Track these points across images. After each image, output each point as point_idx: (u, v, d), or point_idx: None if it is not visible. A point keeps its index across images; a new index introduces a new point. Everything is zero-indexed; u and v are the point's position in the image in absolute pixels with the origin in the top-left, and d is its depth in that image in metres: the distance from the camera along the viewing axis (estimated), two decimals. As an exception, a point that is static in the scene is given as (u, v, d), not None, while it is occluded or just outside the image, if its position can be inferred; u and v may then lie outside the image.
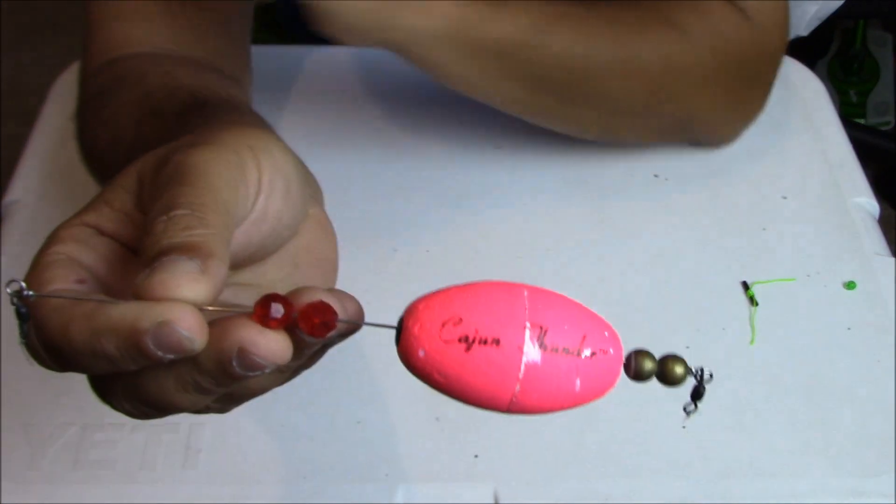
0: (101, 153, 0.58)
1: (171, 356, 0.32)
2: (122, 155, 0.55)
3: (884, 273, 0.65)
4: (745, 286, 0.65)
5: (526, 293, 0.31)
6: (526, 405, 0.31)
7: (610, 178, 0.73)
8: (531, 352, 0.31)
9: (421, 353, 0.33)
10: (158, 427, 0.57)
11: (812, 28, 0.99)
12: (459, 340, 0.31)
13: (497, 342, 0.31)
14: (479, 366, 0.31)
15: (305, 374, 0.60)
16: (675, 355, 0.34)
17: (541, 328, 0.31)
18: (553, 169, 0.73)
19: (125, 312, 0.32)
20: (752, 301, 0.64)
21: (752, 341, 0.62)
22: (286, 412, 0.58)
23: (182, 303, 0.31)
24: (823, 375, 0.60)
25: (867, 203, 0.71)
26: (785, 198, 0.72)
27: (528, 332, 0.31)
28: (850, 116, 1.68)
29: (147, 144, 0.51)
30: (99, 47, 0.65)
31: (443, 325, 0.32)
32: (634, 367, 0.33)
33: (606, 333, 0.32)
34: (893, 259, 0.67)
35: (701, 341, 0.62)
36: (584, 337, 0.32)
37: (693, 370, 0.35)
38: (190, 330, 0.31)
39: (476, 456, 0.55)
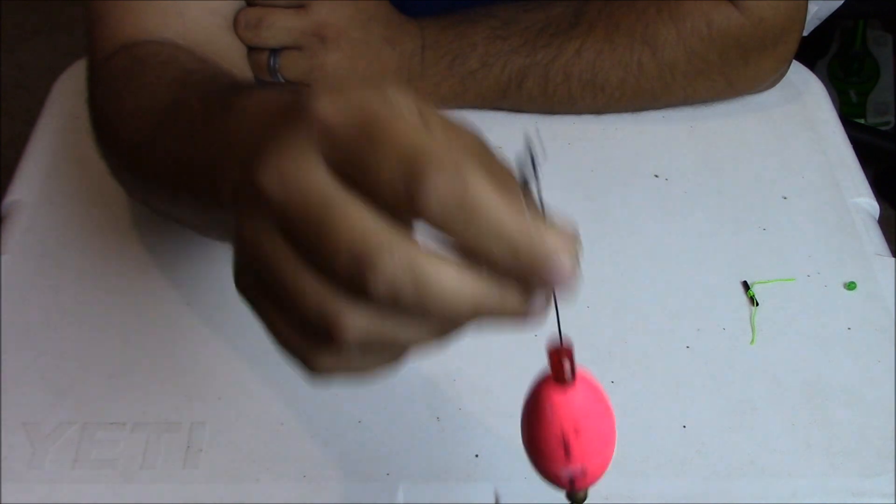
0: (126, 118, 0.59)
1: (546, 284, 0.33)
2: (152, 117, 0.56)
3: (884, 273, 0.66)
4: (746, 286, 0.65)
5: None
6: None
7: (610, 178, 0.73)
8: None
9: (548, 412, 0.39)
10: (159, 426, 0.57)
11: (812, 28, 0.99)
12: (561, 443, 0.39)
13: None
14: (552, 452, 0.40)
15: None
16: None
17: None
18: (553, 169, 0.73)
19: (523, 224, 0.33)
20: (753, 301, 0.64)
21: (752, 341, 0.62)
22: (286, 412, 0.58)
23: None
24: (823, 375, 0.60)
25: (867, 203, 0.71)
26: (785, 198, 0.72)
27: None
28: (850, 116, 1.68)
29: (189, 108, 0.52)
30: (110, 34, 0.65)
31: (574, 422, 0.39)
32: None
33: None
34: (893, 259, 0.67)
35: (701, 341, 0.62)
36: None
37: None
38: (573, 268, 0.32)
39: (476, 456, 0.56)
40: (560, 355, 0.38)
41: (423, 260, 0.32)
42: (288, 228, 0.34)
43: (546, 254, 0.32)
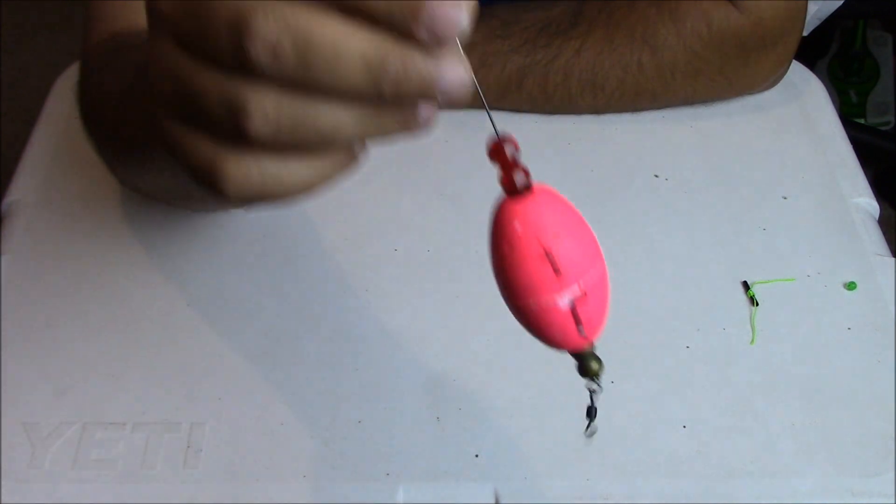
0: (105, 96, 0.58)
1: (432, 35, 0.30)
2: (130, 73, 0.55)
3: (884, 273, 0.66)
4: (746, 286, 0.65)
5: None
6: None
7: (610, 178, 0.73)
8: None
9: (515, 225, 0.33)
10: (159, 426, 0.57)
11: (812, 28, 0.99)
12: (543, 257, 0.33)
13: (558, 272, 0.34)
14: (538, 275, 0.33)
15: (304, 373, 0.60)
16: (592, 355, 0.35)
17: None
18: (553, 168, 0.73)
19: None
20: (753, 301, 0.64)
21: (752, 341, 0.62)
22: (286, 412, 0.58)
23: None
24: (823, 375, 0.60)
25: (867, 203, 0.71)
26: (785, 198, 0.72)
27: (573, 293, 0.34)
28: (850, 116, 1.68)
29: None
30: (103, 31, 0.65)
31: (548, 229, 0.33)
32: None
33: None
34: (893, 259, 0.67)
35: (701, 341, 0.62)
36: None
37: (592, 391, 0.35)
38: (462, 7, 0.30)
39: (476, 456, 0.56)
40: (502, 152, 0.33)
41: (301, 14, 0.30)
42: (179, 32, 0.33)
43: None
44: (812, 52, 1.68)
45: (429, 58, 0.31)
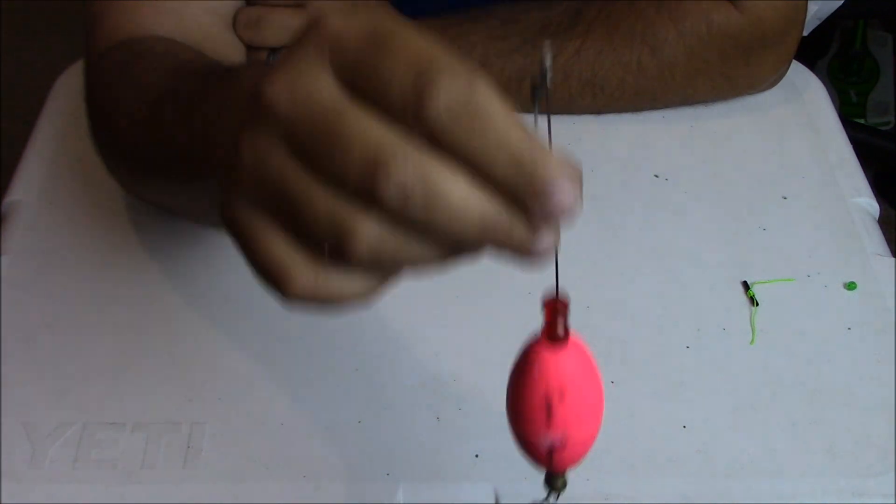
0: (121, 108, 0.59)
1: (543, 213, 0.32)
2: (147, 104, 0.56)
3: (884, 273, 0.66)
4: (746, 286, 0.65)
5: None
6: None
7: (610, 178, 0.73)
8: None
9: (534, 372, 0.38)
10: (159, 426, 0.57)
11: (812, 28, 0.99)
12: (544, 406, 0.38)
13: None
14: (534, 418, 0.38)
15: (304, 373, 0.60)
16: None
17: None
18: (553, 169, 0.73)
19: (528, 139, 0.32)
20: (753, 301, 0.64)
21: (752, 341, 0.62)
22: (286, 412, 0.58)
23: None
24: (823, 375, 0.60)
25: (867, 203, 0.71)
26: (785, 198, 0.72)
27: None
28: (850, 116, 1.68)
29: (185, 89, 0.52)
30: (108, 33, 0.65)
31: (559, 388, 0.37)
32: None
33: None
34: (893, 259, 0.67)
35: (701, 341, 0.62)
36: None
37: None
38: (576, 196, 0.32)
39: (476, 456, 0.56)
40: (555, 308, 0.38)
41: (436, 167, 0.32)
42: (295, 140, 0.34)
43: (549, 173, 0.32)
44: (812, 52, 1.68)
45: (529, 228, 0.33)
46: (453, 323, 0.63)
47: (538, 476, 0.55)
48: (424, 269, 0.35)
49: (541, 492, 0.54)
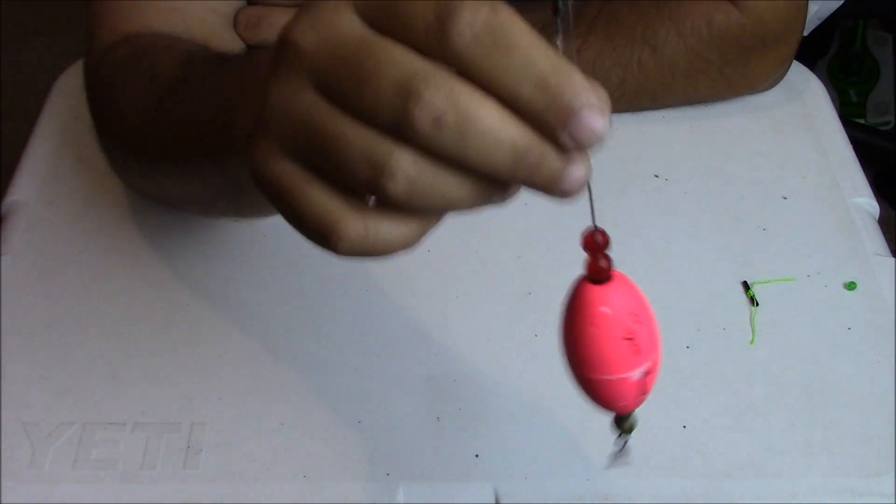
0: (129, 101, 0.59)
1: (573, 141, 0.32)
2: (158, 95, 0.56)
3: (884, 273, 0.66)
4: (746, 286, 0.65)
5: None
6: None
7: (610, 178, 0.73)
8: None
9: (604, 310, 0.37)
10: (159, 426, 0.57)
11: (812, 28, 0.99)
12: (627, 338, 0.38)
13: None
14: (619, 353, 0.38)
15: (304, 373, 0.60)
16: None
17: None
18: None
19: (555, 61, 0.32)
20: (753, 301, 0.64)
21: (752, 341, 0.62)
22: (286, 412, 0.58)
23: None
24: (823, 375, 0.60)
25: (867, 203, 0.71)
26: (785, 198, 0.72)
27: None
28: (850, 116, 1.68)
29: (197, 75, 0.52)
30: (111, 32, 0.65)
31: (632, 314, 0.38)
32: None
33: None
34: (893, 259, 0.67)
35: (701, 341, 0.62)
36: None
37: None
38: (605, 121, 0.32)
39: (476, 456, 0.56)
40: (601, 248, 0.38)
41: (468, 92, 0.32)
42: (324, 78, 0.34)
43: (576, 95, 0.32)
44: (812, 52, 1.68)
45: (561, 155, 0.33)
46: (453, 323, 0.63)
47: (538, 476, 0.55)
48: (460, 208, 0.35)
49: (541, 492, 0.54)
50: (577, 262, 0.68)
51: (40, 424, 0.57)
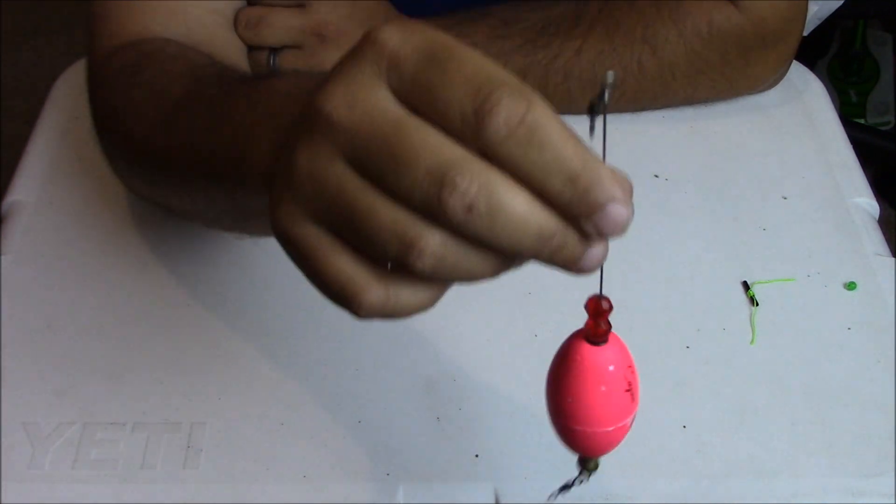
0: (134, 110, 0.59)
1: (596, 230, 0.33)
2: (164, 108, 0.56)
3: (884, 273, 0.66)
4: (746, 286, 0.65)
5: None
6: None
7: (610, 178, 0.73)
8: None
9: (611, 368, 0.39)
10: (159, 426, 0.57)
11: (812, 28, 0.99)
12: (627, 389, 0.39)
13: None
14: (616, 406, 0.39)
15: (304, 373, 0.60)
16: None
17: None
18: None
19: (584, 156, 0.33)
20: (753, 301, 0.64)
21: (752, 341, 0.62)
22: (286, 412, 0.58)
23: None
24: (823, 375, 0.60)
25: (867, 203, 0.71)
26: (785, 198, 0.72)
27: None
28: (850, 116, 1.68)
29: (206, 96, 0.52)
30: (111, 33, 0.65)
31: (629, 367, 0.40)
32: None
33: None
34: (893, 259, 0.67)
35: (701, 341, 0.62)
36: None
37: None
38: (628, 215, 0.33)
39: (476, 456, 0.56)
40: (605, 314, 0.39)
41: (499, 181, 0.33)
42: (357, 154, 0.34)
43: (604, 190, 0.33)
44: (812, 52, 1.68)
45: (583, 244, 0.34)
46: (453, 323, 0.63)
47: (538, 476, 0.55)
48: (480, 280, 0.36)
49: (541, 492, 0.54)
50: (577, 262, 0.68)
51: (40, 424, 0.57)
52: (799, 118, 0.78)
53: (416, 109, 0.34)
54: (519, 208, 0.33)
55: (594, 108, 0.35)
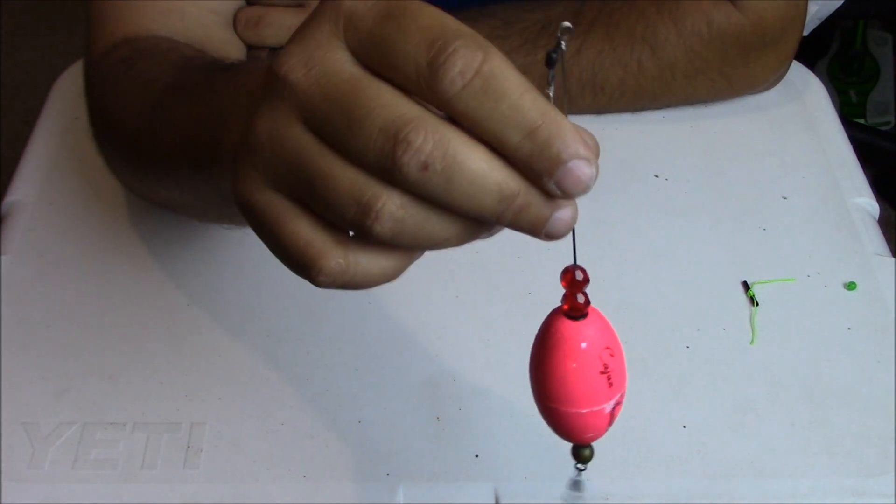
0: (125, 104, 0.59)
1: (559, 189, 0.32)
2: (152, 100, 0.56)
3: (884, 273, 0.66)
4: (746, 286, 0.65)
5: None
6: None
7: (610, 178, 0.73)
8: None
9: (583, 345, 0.38)
10: (159, 426, 0.57)
11: (812, 28, 0.99)
12: (602, 371, 0.38)
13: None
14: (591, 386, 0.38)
15: (304, 373, 0.60)
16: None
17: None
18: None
19: (544, 108, 0.32)
20: (753, 301, 0.64)
21: (752, 341, 0.62)
22: (286, 412, 0.58)
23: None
24: (823, 375, 0.60)
25: (867, 203, 0.71)
26: (785, 198, 0.72)
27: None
28: (850, 116, 1.68)
29: (191, 82, 0.52)
30: (109, 32, 0.65)
31: (607, 348, 0.38)
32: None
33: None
34: (893, 259, 0.67)
35: (701, 341, 0.62)
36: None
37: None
38: (592, 175, 0.32)
39: (476, 456, 0.56)
40: (581, 286, 0.38)
41: (455, 138, 0.32)
42: (313, 115, 0.34)
43: (565, 144, 0.32)
44: (812, 52, 1.68)
45: (549, 204, 0.33)
46: (453, 323, 0.63)
47: (538, 476, 0.55)
48: (444, 246, 0.35)
49: (541, 492, 0.54)
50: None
51: (40, 424, 0.57)
52: (799, 118, 0.78)
53: (373, 67, 0.33)
54: (476, 165, 0.32)
55: (551, 60, 0.34)
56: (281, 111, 0.34)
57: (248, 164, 0.36)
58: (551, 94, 0.34)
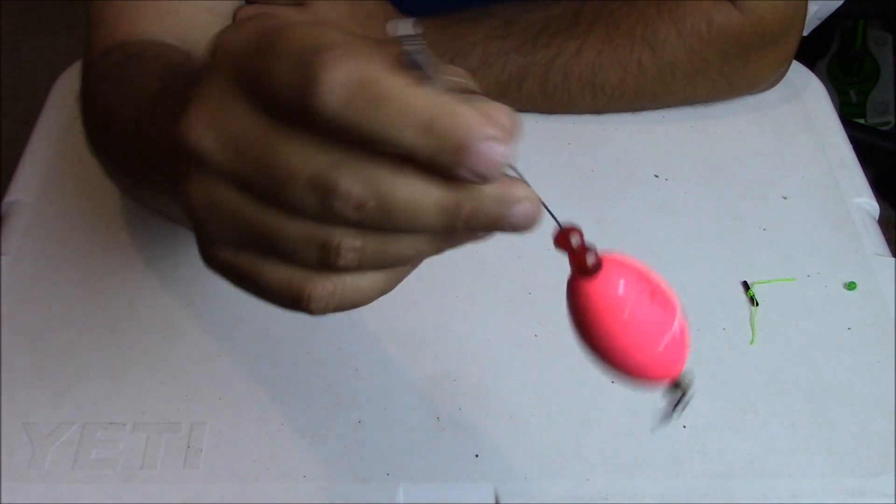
0: (114, 111, 0.59)
1: (475, 175, 0.31)
2: (138, 108, 0.55)
3: (884, 273, 0.66)
4: (746, 286, 0.65)
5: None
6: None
7: (610, 178, 0.73)
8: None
9: (620, 293, 0.36)
10: (159, 426, 0.57)
11: (812, 28, 0.99)
12: (652, 300, 0.37)
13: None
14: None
15: (304, 373, 0.60)
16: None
17: None
18: (553, 168, 0.73)
19: (432, 108, 0.30)
20: (753, 301, 0.64)
21: (752, 341, 0.62)
22: (286, 412, 0.58)
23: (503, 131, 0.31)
24: (823, 375, 0.60)
25: (867, 203, 0.71)
26: (785, 198, 0.72)
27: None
28: (850, 116, 1.68)
29: (174, 92, 0.52)
30: (106, 34, 0.65)
31: (639, 278, 0.37)
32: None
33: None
34: (893, 259, 0.67)
35: (701, 341, 0.62)
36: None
37: None
38: (507, 154, 0.31)
39: (476, 456, 0.56)
40: (582, 242, 0.36)
41: (380, 169, 0.31)
42: (237, 178, 0.33)
43: (466, 130, 0.30)
44: (812, 52, 1.68)
45: (497, 199, 0.32)
46: (453, 323, 0.63)
47: (538, 476, 0.55)
48: (422, 259, 0.34)
49: (541, 492, 0.54)
50: (577, 262, 0.68)
51: (40, 424, 0.57)
52: (799, 118, 0.78)
53: (269, 107, 0.32)
54: (406, 192, 0.31)
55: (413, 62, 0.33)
56: (205, 181, 0.33)
57: (201, 234, 0.35)
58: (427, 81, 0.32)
